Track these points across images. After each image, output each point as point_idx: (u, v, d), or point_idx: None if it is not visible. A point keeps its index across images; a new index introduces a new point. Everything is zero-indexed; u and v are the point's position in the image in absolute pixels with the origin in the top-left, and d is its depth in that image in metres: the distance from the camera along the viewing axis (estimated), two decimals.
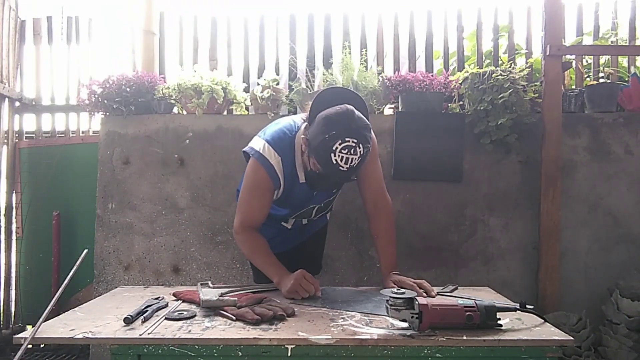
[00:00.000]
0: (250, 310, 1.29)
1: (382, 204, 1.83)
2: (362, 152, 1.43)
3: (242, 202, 1.71)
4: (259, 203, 1.69)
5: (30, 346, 1.40)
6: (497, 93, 2.39)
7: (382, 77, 2.64)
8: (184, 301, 1.51)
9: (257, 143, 1.68)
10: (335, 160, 1.41)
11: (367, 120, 1.49)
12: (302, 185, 1.69)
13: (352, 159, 1.42)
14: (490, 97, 2.39)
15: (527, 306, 1.27)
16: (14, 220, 3.04)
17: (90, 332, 1.19)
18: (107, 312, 1.38)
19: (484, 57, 3.04)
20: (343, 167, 1.43)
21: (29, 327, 2.36)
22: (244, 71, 3.06)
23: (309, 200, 1.79)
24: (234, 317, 1.29)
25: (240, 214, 1.72)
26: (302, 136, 1.57)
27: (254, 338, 1.15)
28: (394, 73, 2.87)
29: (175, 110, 2.75)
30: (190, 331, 1.19)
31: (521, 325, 1.25)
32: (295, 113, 2.68)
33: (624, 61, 2.98)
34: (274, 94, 2.60)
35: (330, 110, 1.48)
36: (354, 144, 1.42)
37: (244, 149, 1.74)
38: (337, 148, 1.41)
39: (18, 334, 1.20)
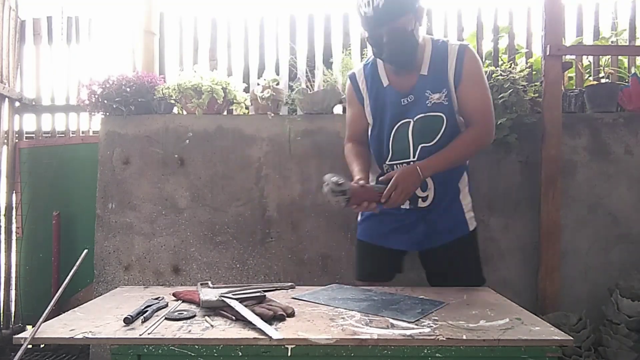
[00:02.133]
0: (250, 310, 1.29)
1: (476, 121, 1.71)
2: None
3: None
4: (352, 112, 1.88)
5: (30, 346, 1.40)
6: (497, 93, 2.39)
7: None
8: (184, 301, 1.51)
9: None
10: (360, 7, 1.58)
11: None
12: (387, 90, 1.76)
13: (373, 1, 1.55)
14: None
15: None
16: (14, 220, 3.04)
17: (90, 332, 1.19)
18: (107, 312, 1.38)
19: (484, 58, 3.04)
20: (366, 10, 1.56)
21: (29, 327, 2.37)
22: (244, 71, 3.06)
23: (400, 110, 1.72)
24: (234, 317, 1.29)
25: (346, 128, 1.94)
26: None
27: (254, 338, 1.15)
28: None
29: (175, 110, 2.75)
30: (190, 331, 1.19)
31: (521, 325, 1.25)
32: (295, 113, 2.68)
33: (624, 61, 2.98)
34: (274, 94, 2.60)
35: None
36: None
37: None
38: None
39: (18, 334, 1.20)
